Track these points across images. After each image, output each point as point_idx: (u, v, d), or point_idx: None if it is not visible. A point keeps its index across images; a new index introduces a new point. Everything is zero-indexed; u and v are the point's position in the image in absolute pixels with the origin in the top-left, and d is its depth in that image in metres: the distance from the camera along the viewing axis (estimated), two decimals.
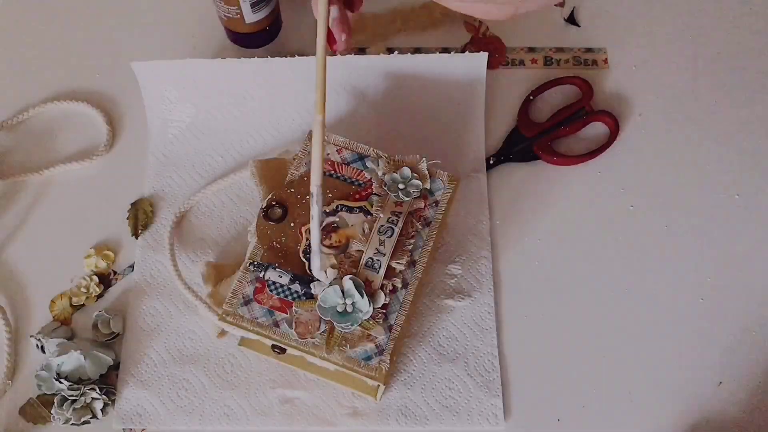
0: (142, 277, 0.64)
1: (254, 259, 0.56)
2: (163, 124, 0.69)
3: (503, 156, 0.69)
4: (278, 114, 0.70)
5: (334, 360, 0.53)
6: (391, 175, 0.58)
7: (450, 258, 0.64)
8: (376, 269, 0.55)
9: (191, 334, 0.62)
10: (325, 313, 0.53)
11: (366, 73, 0.70)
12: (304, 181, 0.59)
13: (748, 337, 0.62)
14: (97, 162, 0.69)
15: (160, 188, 0.67)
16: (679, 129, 0.70)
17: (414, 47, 0.74)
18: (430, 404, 0.59)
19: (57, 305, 0.63)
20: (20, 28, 0.75)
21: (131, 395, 0.60)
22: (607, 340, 0.62)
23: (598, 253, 0.65)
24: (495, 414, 0.59)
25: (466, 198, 0.66)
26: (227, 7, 0.67)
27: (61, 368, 0.59)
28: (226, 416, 0.59)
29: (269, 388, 0.60)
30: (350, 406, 0.59)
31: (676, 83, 0.72)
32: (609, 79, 0.73)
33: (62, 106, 0.71)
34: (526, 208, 0.67)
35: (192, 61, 0.68)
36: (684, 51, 0.74)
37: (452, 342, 0.61)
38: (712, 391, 0.60)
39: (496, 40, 0.74)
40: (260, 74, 0.69)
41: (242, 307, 0.55)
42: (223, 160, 0.68)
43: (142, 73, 0.69)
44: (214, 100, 0.70)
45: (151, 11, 0.76)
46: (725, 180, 0.68)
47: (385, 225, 0.56)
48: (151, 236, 0.65)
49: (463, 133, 0.69)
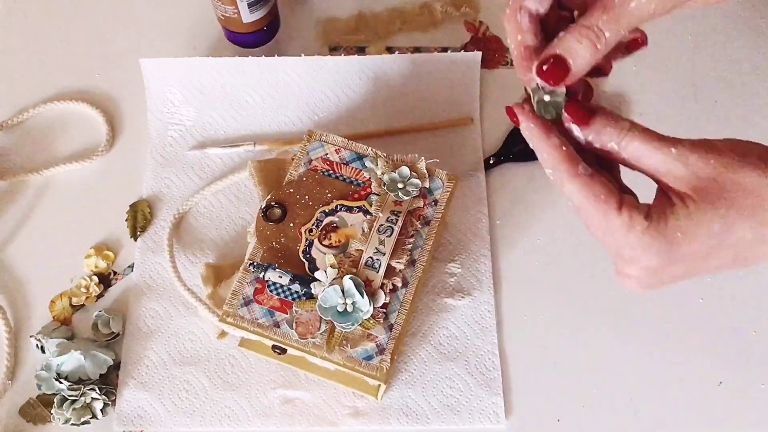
0: (141, 278, 0.64)
1: (254, 260, 0.56)
2: (164, 125, 0.69)
3: (503, 156, 0.69)
4: (278, 114, 0.70)
5: (335, 360, 0.53)
6: (390, 174, 0.58)
7: (450, 257, 0.64)
8: (376, 268, 0.55)
9: (191, 336, 0.62)
10: (325, 313, 0.53)
11: (364, 72, 0.70)
12: (303, 181, 0.59)
13: (748, 337, 0.62)
14: (97, 162, 0.69)
15: (158, 189, 0.67)
16: (679, 129, 0.70)
17: (414, 47, 0.74)
18: (431, 403, 0.59)
19: (57, 305, 0.63)
20: (20, 29, 0.75)
21: (131, 397, 0.60)
22: (607, 340, 0.62)
23: (598, 252, 0.65)
24: (496, 412, 0.59)
25: (465, 197, 0.66)
26: (225, 6, 0.67)
27: (61, 368, 0.59)
28: (227, 417, 0.59)
29: (270, 388, 0.60)
30: (351, 405, 0.59)
31: (676, 83, 0.72)
32: (609, 79, 0.72)
33: (62, 106, 0.71)
34: (526, 207, 0.67)
35: (200, 60, 0.69)
36: (684, 51, 0.74)
37: (453, 341, 0.61)
38: (712, 391, 0.60)
39: (496, 40, 0.74)
40: (265, 72, 0.69)
41: (242, 308, 0.55)
42: (221, 160, 0.68)
43: (149, 70, 0.69)
44: (217, 101, 0.70)
45: (151, 11, 0.76)
46: None
47: (384, 224, 0.56)
48: (150, 238, 0.65)
49: (460, 132, 0.69)
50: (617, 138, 0.40)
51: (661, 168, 0.40)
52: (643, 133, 0.40)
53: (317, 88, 0.70)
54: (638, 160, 0.40)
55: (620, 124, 0.40)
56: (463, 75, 0.70)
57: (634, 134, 0.40)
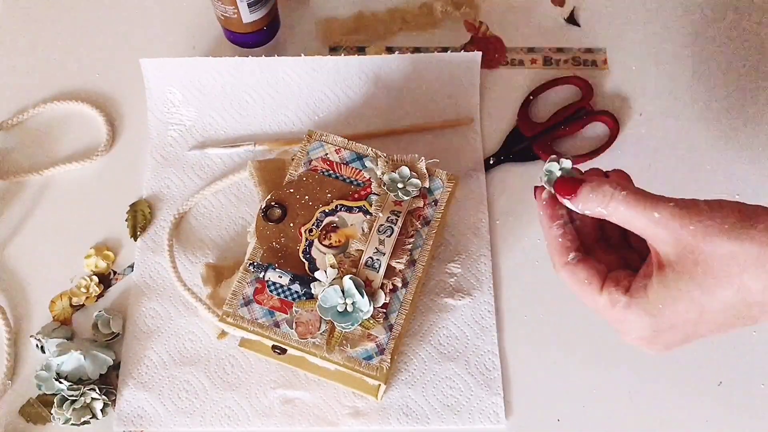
0: (141, 278, 0.64)
1: (254, 260, 0.56)
2: (164, 126, 0.69)
3: (503, 156, 0.69)
4: (278, 114, 0.70)
5: (335, 360, 0.53)
6: (390, 174, 0.58)
7: (450, 257, 0.64)
8: (376, 268, 0.55)
9: (191, 336, 0.62)
10: (325, 313, 0.53)
11: (364, 72, 0.70)
12: (303, 181, 0.59)
13: (748, 337, 0.62)
14: (97, 162, 0.69)
15: (158, 189, 0.67)
16: (679, 129, 0.70)
17: (414, 47, 0.74)
18: (431, 403, 0.59)
19: (57, 305, 0.63)
20: (20, 29, 0.75)
21: (131, 397, 0.60)
22: (607, 340, 0.62)
23: None
24: (496, 412, 0.59)
25: (465, 197, 0.66)
26: (225, 6, 0.67)
27: (61, 368, 0.59)
28: (227, 417, 0.59)
29: (270, 388, 0.60)
30: (351, 405, 0.59)
31: (676, 83, 0.72)
32: (609, 79, 0.73)
33: (62, 106, 0.71)
34: (526, 207, 0.67)
35: (200, 60, 0.69)
36: (684, 51, 0.74)
37: (453, 341, 0.61)
38: (712, 391, 0.60)
39: (496, 40, 0.74)
40: (265, 72, 0.69)
41: (242, 308, 0.55)
42: (221, 160, 0.68)
43: (149, 70, 0.69)
44: (217, 101, 0.70)
45: (151, 11, 0.76)
46: (725, 180, 0.68)
47: (384, 224, 0.56)
48: (150, 238, 0.65)
49: (460, 132, 0.69)
50: (603, 204, 0.42)
51: (647, 231, 0.41)
52: (628, 197, 0.41)
53: (317, 88, 0.70)
54: (628, 224, 0.42)
55: (603, 191, 0.42)
56: (463, 75, 0.70)
57: (618, 200, 0.41)
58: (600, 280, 0.43)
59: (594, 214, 0.43)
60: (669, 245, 0.40)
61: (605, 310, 0.43)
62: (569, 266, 0.44)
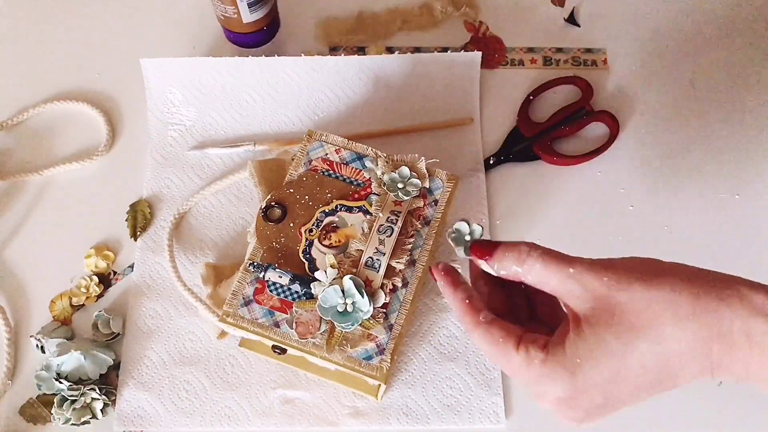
0: (141, 278, 0.64)
1: (254, 260, 0.56)
2: (164, 125, 0.70)
3: (503, 156, 0.69)
4: (278, 114, 0.70)
5: (335, 360, 0.53)
6: (390, 174, 0.58)
7: (450, 257, 0.64)
8: (376, 268, 0.55)
9: (191, 336, 0.62)
10: (325, 313, 0.53)
11: (364, 72, 0.70)
12: (303, 181, 0.59)
13: None
14: (97, 162, 0.69)
15: (158, 189, 0.67)
16: (679, 129, 0.70)
17: (414, 47, 0.74)
18: (431, 403, 0.59)
19: (57, 305, 0.63)
20: (20, 29, 0.75)
21: (131, 397, 0.59)
22: None
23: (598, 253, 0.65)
24: (496, 412, 0.59)
25: (465, 197, 0.66)
26: (225, 6, 0.67)
27: (61, 368, 0.59)
28: (227, 417, 0.59)
29: (270, 388, 0.60)
30: (351, 405, 0.59)
31: (676, 83, 0.72)
32: (609, 79, 0.73)
33: (62, 106, 0.71)
34: (526, 208, 0.67)
35: (200, 60, 0.69)
36: (684, 51, 0.74)
37: (453, 341, 0.61)
38: (712, 391, 0.60)
39: (496, 40, 0.74)
40: (265, 72, 0.69)
41: (242, 308, 0.55)
42: (221, 160, 0.68)
43: (149, 70, 0.69)
44: (217, 101, 0.70)
45: (151, 11, 0.76)
46: (725, 180, 0.68)
47: (384, 224, 0.56)
48: (150, 238, 0.65)
49: (460, 132, 0.69)
50: (519, 263, 0.42)
51: (560, 289, 0.41)
52: (543, 256, 0.41)
53: (317, 88, 0.70)
54: (542, 283, 0.41)
55: (518, 249, 0.42)
56: (463, 75, 0.70)
57: (534, 257, 0.41)
58: (516, 338, 0.41)
59: (509, 274, 0.42)
60: (584, 300, 0.40)
61: (521, 369, 0.41)
62: (483, 325, 0.42)
